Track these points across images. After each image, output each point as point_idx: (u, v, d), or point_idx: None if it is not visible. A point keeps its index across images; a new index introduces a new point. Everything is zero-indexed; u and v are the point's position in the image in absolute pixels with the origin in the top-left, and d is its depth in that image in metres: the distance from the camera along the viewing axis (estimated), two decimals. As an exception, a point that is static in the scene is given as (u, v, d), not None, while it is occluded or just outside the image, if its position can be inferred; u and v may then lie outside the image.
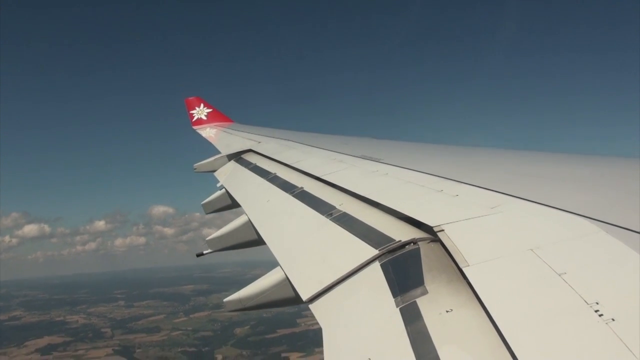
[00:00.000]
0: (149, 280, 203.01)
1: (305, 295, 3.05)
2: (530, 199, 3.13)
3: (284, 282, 3.82)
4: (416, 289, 2.54)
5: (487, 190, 3.54)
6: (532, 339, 1.86)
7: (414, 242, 3.00)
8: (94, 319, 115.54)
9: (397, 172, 4.83)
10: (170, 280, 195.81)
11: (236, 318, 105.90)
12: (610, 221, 2.54)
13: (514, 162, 4.95)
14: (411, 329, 2.25)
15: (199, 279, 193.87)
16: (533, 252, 2.41)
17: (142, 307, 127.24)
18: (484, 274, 2.37)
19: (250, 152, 9.52)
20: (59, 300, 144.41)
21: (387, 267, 2.87)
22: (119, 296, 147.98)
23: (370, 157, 5.84)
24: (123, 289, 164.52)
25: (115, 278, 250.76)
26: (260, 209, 5.73)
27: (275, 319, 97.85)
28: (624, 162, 4.30)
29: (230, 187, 7.74)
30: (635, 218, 2.53)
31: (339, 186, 4.84)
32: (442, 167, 4.61)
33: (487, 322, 2.08)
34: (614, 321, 1.78)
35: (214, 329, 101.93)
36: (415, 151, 6.93)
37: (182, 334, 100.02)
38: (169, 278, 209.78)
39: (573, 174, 4.02)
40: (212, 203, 8.27)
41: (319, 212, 4.34)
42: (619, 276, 2.13)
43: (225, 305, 4.43)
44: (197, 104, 18.03)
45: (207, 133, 15.96)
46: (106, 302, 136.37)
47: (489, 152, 6.09)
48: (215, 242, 6.24)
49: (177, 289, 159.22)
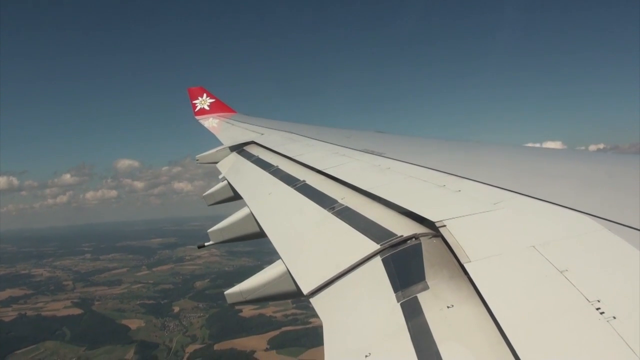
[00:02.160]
0: (119, 233, 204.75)
1: (306, 289, 3.05)
2: (532, 196, 3.12)
3: (285, 275, 3.82)
4: (417, 284, 2.55)
5: (489, 186, 3.53)
6: (533, 336, 1.86)
7: (415, 237, 3.00)
8: (59, 272, 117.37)
9: (399, 167, 4.82)
10: (139, 233, 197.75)
11: (198, 272, 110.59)
12: (613, 219, 2.53)
13: (517, 158, 4.93)
14: (412, 324, 2.26)
15: (168, 232, 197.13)
16: (535, 248, 2.40)
17: (108, 261, 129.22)
18: (486, 270, 2.37)
19: (253, 144, 9.51)
20: (27, 253, 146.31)
21: (389, 261, 2.87)
22: (86, 249, 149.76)
23: (372, 151, 5.83)
24: (91, 242, 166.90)
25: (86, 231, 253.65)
26: (262, 202, 5.73)
27: (236, 273, 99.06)
28: (628, 160, 4.28)
29: (232, 179, 7.74)
30: (638, 216, 2.52)
31: (341, 180, 4.83)
32: (445, 163, 4.60)
33: (488, 319, 2.08)
34: (615, 319, 1.78)
35: (175, 282, 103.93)
36: (418, 146, 6.91)
37: (142, 287, 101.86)
38: (139, 231, 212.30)
39: (576, 170, 4.00)
40: (214, 195, 8.27)
41: (320, 205, 4.34)
42: (621, 274, 2.13)
43: (226, 297, 4.43)
44: (200, 94, 17.94)
45: (209, 123, 15.92)
46: (73, 255, 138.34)
47: (491, 148, 6.07)
48: (217, 234, 6.25)
49: (145, 242, 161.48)
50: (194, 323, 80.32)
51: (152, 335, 76.00)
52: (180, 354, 69.59)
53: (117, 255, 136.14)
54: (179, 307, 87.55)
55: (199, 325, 78.98)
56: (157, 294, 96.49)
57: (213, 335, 74.31)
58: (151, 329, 78.44)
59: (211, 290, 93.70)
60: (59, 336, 75.68)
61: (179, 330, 78.01)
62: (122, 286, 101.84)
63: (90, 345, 71.79)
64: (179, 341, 73.74)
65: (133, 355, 69.19)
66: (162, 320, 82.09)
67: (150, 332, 77.40)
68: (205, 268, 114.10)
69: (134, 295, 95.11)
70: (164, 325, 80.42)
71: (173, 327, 79.22)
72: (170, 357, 68.92)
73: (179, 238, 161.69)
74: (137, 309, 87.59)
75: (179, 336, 75.68)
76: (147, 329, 78.36)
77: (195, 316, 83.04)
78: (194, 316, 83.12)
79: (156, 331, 77.94)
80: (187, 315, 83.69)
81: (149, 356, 69.18)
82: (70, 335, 76.14)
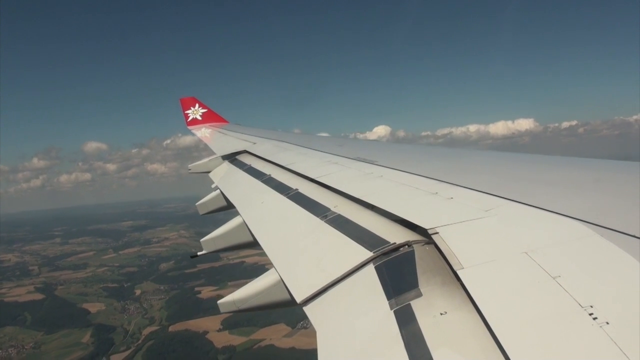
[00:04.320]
0: (91, 216, 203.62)
1: (299, 297, 3.04)
2: (524, 202, 3.13)
3: (279, 284, 3.80)
4: (410, 291, 2.54)
5: (481, 193, 3.54)
6: (526, 342, 1.86)
7: (408, 245, 2.99)
8: (27, 257, 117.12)
9: (391, 175, 4.83)
10: (112, 216, 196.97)
11: (164, 254, 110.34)
12: (604, 224, 2.55)
13: (509, 165, 4.96)
14: (405, 331, 2.25)
15: (141, 214, 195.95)
16: (527, 255, 2.41)
17: (77, 244, 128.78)
18: (478, 276, 2.37)
19: (245, 153, 9.51)
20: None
21: (382, 269, 2.86)
22: (57, 233, 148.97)
23: (365, 159, 5.84)
24: (63, 226, 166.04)
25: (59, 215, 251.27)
26: (255, 211, 5.71)
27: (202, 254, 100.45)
28: (618, 166, 4.32)
29: (225, 188, 7.72)
30: (629, 221, 2.54)
31: (334, 188, 4.83)
32: (437, 170, 4.62)
33: (481, 325, 2.08)
34: (608, 324, 1.78)
35: (140, 265, 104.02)
36: (410, 153, 6.93)
37: (107, 270, 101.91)
38: (111, 214, 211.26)
39: (567, 177, 4.03)
40: (206, 204, 8.25)
41: (313, 214, 4.33)
42: (613, 279, 2.13)
43: (219, 307, 4.40)
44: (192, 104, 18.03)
45: (202, 133, 15.97)
46: (43, 240, 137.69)
47: (483, 155, 6.10)
48: (210, 243, 6.21)
49: (116, 225, 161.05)
50: (154, 305, 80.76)
51: (111, 319, 76.40)
52: (137, 336, 70.00)
53: (87, 238, 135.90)
54: (141, 289, 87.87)
55: (159, 307, 79.51)
56: (121, 277, 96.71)
57: (171, 316, 74.87)
58: (111, 313, 78.86)
59: (174, 272, 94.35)
60: (20, 322, 75.68)
61: (139, 313, 78.47)
62: (87, 270, 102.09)
63: (49, 330, 71.90)
64: (137, 324, 74.12)
65: (89, 338, 69.45)
66: (123, 304, 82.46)
67: (110, 315, 77.80)
68: (172, 250, 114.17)
69: (98, 279, 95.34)
70: (125, 308, 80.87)
71: (133, 310, 79.66)
72: (127, 340, 69.21)
73: (150, 220, 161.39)
74: (100, 293, 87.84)
75: (137, 319, 76.13)
76: (107, 313, 78.75)
77: (156, 298, 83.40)
78: (154, 298, 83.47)
79: (116, 314, 78.44)
80: (148, 297, 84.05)
81: (105, 339, 69.50)
82: (31, 320, 76.16)
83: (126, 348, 66.51)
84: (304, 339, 60.04)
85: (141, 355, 63.65)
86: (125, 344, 67.75)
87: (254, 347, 62.95)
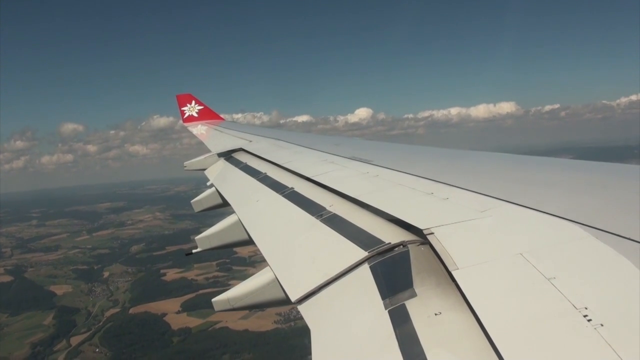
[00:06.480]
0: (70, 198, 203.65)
1: (294, 296, 3.03)
2: (520, 203, 3.14)
3: (273, 282, 3.79)
4: (405, 291, 2.54)
5: (477, 193, 3.54)
6: (521, 343, 1.86)
7: (403, 245, 2.99)
8: (2, 239, 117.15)
9: (387, 174, 4.83)
10: (91, 197, 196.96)
11: (137, 236, 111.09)
12: (600, 227, 2.55)
13: (505, 166, 4.97)
14: (400, 331, 2.24)
15: (120, 195, 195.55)
16: (522, 256, 2.41)
17: (53, 226, 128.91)
18: (473, 277, 2.37)
19: (241, 151, 9.49)
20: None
21: (377, 269, 2.86)
22: (34, 215, 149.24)
23: (361, 159, 5.84)
24: (41, 208, 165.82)
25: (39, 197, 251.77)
26: (250, 209, 5.70)
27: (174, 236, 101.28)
28: (614, 168, 4.33)
29: (220, 186, 7.71)
30: (625, 224, 2.54)
31: (330, 187, 4.82)
32: (433, 170, 4.62)
33: (475, 326, 2.07)
34: (602, 326, 1.78)
35: (112, 247, 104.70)
36: (406, 153, 6.94)
37: (79, 252, 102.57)
38: (90, 196, 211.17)
39: (563, 178, 4.04)
40: (201, 201, 8.24)
41: (309, 212, 4.32)
42: (608, 281, 2.14)
43: (214, 305, 4.39)
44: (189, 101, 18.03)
45: (198, 130, 15.96)
46: (20, 222, 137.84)
47: (479, 156, 6.11)
48: (204, 241, 6.19)
49: (94, 207, 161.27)
50: (120, 287, 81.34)
51: (77, 301, 76.78)
52: (99, 318, 70.43)
53: (63, 220, 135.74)
54: (109, 272, 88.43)
55: (124, 290, 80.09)
56: (92, 259, 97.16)
57: (134, 298, 75.26)
58: (77, 295, 79.31)
59: (143, 254, 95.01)
60: (-14, 304, 76.05)
61: (105, 295, 79.07)
62: (58, 252, 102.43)
63: (13, 312, 72.21)
64: (101, 306, 74.62)
65: (51, 320, 69.75)
66: (90, 286, 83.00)
67: (76, 297, 78.22)
68: (145, 232, 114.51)
69: (69, 261, 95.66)
70: (91, 290, 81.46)
71: (99, 292, 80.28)
72: (88, 322, 69.71)
73: (128, 202, 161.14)
74: (69, 275, 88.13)
75: (102, 301, 76.68)
76: (73, 295, 79.18)
77: (122, 280, 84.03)
78: (121, 280, 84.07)
79: (82, 296, 78.88)
80: (115, 280, 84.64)
81: (67, 321, 69.90)
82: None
83: (87, 330, 67.03)
84: (259, 321, 61.58)
85: (98, 337, 64.21)
86: (86, 326, 68.29)
87: (209, 329, 63.61)
